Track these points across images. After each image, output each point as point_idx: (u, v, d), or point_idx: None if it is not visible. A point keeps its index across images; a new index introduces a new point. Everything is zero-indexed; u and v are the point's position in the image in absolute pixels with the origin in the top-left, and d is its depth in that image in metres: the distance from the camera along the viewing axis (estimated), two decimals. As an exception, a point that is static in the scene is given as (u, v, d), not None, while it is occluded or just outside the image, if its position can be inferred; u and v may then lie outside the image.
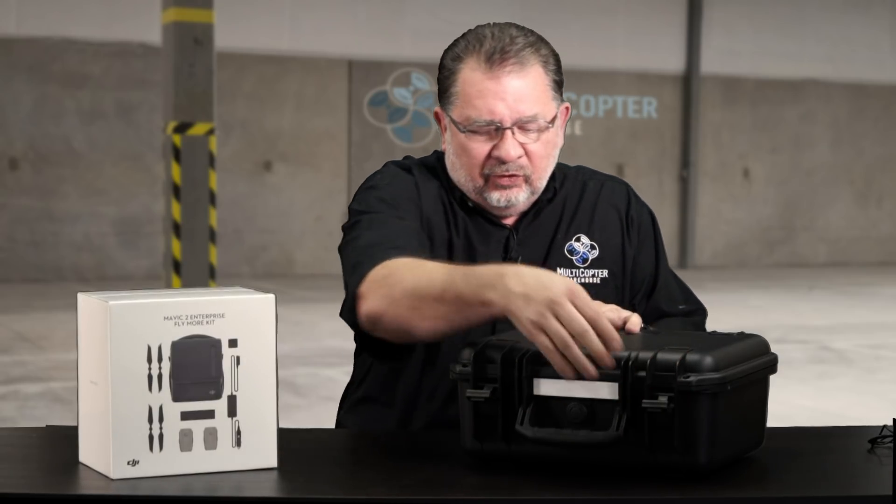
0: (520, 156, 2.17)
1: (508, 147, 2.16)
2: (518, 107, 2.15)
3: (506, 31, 2.18)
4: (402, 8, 15.10)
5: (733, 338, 1.91)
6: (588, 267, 2.27)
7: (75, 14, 14.07)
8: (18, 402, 7.24)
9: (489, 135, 2.17)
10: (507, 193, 2.20)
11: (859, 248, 18.73)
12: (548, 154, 2.21)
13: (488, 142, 2.18)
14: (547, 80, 2.19)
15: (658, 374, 1.72)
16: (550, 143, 2.21)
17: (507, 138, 2.16)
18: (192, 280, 9.93)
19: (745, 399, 1.81)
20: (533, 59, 2.17)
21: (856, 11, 18.05)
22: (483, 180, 2.20)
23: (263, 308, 1.77)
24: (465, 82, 2.18)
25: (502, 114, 2.15)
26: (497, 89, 2.15)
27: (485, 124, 2.16)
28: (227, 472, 1.75)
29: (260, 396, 1.77)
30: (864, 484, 1.79)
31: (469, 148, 2.19)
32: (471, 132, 2.18)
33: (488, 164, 2.18)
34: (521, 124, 2.16)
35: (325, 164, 15.44)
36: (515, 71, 2.15)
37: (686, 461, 1.72)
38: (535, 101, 2.17)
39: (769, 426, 1.91)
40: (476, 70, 2.16)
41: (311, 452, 1.98)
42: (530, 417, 1.77)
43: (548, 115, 2.19)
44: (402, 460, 1.89)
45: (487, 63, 2.15)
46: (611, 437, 1.72)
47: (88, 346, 1.76)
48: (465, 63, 2.18)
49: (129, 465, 1.72)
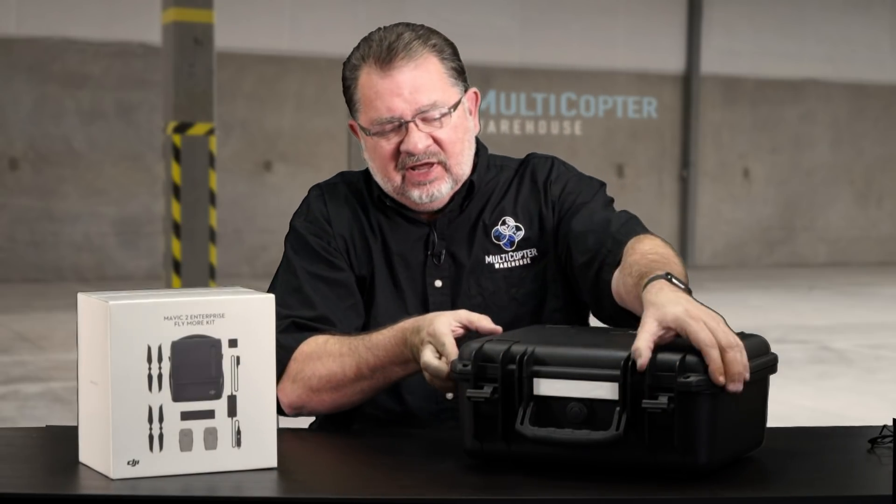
0: (427, 146, 2.20)
1: (415, 139, 2.18)
2: (415, 97, 2.18)
3: (392, 31, 2.22)
4: (402, 8, 15.11)
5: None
6: (516, 249, 2.27)
7: (75, 14, 14.07)
8: (18, 402, 7.24)
9: (395, 132, 2.20)
10: (428, 189, 2.22)
11: (859, 248, 18.73)
12: (459, 139, 2.23)
13: (395, 138, 2.20)
14: (443, 68, 2.21)
15: (658, 374, 1.72)
16: (460, 128, 2.23)
17: (412, 131, 2.19)
18: (192, 280, 9.92)
19: (745, 399, 1.81)
20: (422, 50, 2.20)
21: (856, 11, 18.06)
22: (400, 178, 2.22)
23: (263, 308, 1.77)
24: (363, 87, 2.21)
25: (402, 108, 2.18)
26: (391, 86, 2.18)
27: (387, 122, 2.19)
28: (227, 472, 1.75)
29: (260, 396, 1.77)
30: (864, 484, 1.79)
31: (379, 148, 2.22)
32: (377, 134, 2.21)
33: (400, 160, 2.21)
34: (422, 115, 2.19)
35: (325, 164, 15.43)
36: (405, 64, 2.18)
37: (686, 461, 1.72)
38: (431, 89, 2.19)
39: (769, 426, 1.91)
40: (371, 73, 2.20)
41: (311, 452, 1.98)
42: (530, 417, 1.77)
43: (448, 101, 2.21)
44: (402, 460, 1.89)
45: (378, 64, 2.19)
46: (610, 437, 1.71)
47: (88, 346, 1.76)
48: (360, 70, 2.22)
49: (129, 465, 1.72)
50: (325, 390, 2.10)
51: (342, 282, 2.24)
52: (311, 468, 1.88)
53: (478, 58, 14.44)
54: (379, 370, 2.06)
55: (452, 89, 2.22)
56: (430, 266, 2.26)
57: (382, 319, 2.22)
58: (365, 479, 1.80)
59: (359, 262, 2.27)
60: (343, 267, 2.25)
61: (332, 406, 2.12)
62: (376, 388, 2.10)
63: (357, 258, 2.27)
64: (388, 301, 2.26)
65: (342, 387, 2.09)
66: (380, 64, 2.19)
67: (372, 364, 2.06)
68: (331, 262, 2.25)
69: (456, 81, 2.23)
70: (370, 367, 2.07)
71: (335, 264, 2.25)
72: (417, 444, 2.03)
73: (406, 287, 2.26)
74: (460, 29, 14.68)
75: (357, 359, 2.07)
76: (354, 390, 2.09)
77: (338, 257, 2.26)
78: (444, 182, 2.22)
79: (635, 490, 1.69)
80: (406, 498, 1.68)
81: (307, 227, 2.28)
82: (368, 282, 2.27)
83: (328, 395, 2.10)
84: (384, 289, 2.26)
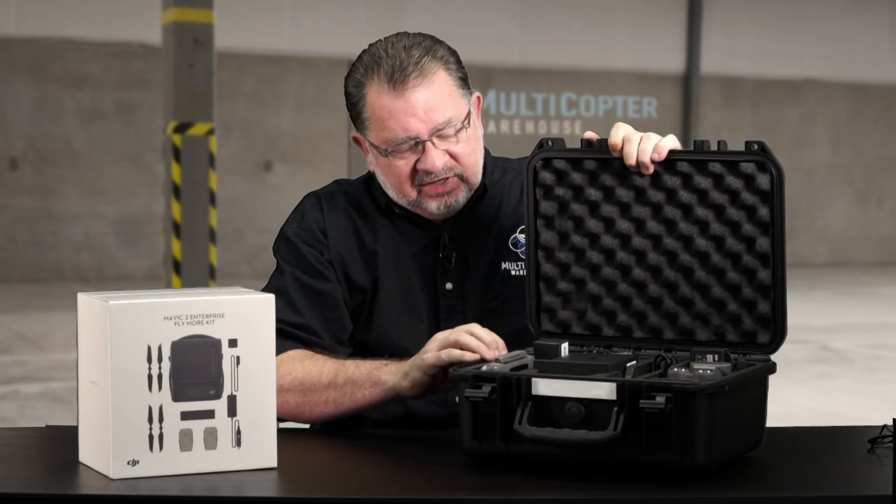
0: (445, 162, 2.19)
1: (433, 158, 2.18)
2: (431, 117, 2.17)
3: (399, 46, 2.19)
4: (402, 8, 15.10)
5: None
6: None
7: (75, 14, 14.07)
8: (18, 402, 7.24)
9: (411, 150, 2.19)
10: (446, 200, 2.22)
11: (859, 248, 18.72)
12: (473, 150, 2.23)
13: (412, 157, 2.19)
14: (452, 81, 2.21)
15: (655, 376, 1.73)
16: (472, 139, 2.23)
17: (430, 150, 2.18)
18: (192, 280, 9.92)
19: (744, 399, 1.81)
20: (433, 66, 2.19)
21: (856, 11, 18.05)
22: (416, 193, 2.21)
23: (263, 308, 1.78)
24: (374, 106, 2.19)
25: (418, 129, 2.17)
26: (406, 107, 2.17)
27: (403, 142, 2.18)
28: (227, 472, 1.75)
29: (260, 396, 1.77)
30: (864, 484, 1.79)
31: (395, 167, 2.21)
32: (393, 153, 2.19)
33: (416, 177, 2.20)
34: (438, 133, 2.18)
35: (325, 164, 15.43)
36: (418, 83, 2.17)
37: (684, 461, 1.72)
38: (444, 105, 2.18)
39: (769, 426, 1.91)
40: (381, 93, 2.18)
41: (311, 452, 1.98)
42: (529, 417, 1.77)
43: (461, 114, 2.21)
44: (402, 460, 1.89)
45: (390, 83, 2.17)
46: (608, 437, 1.72)
47: (88, 346, 1.77)
48: (368, 88, 2.20)
49: (129, 465, 1.72)
50: (292, 391, 2.10)
51: (329, 293, 2.24)
52: (311, 468, 1.88)
53: (478, 58, 14.43)
54: (350, 383, 2.07)
55: (462, 101, 2.22)
56: (440, 268, 2.26)
57: (389, 325, 2.22)
58: (365, 479, 1.80)
59: (358, 273, 2.26)
60: (332, 279, 2.25)
61: (294, 411, 2.11)
62: (339, 403, 2.08)
63: (355, 269, 2.26)
64: (395, 306, 2.25)
65: (311, 391, 2.09)
66: (392, 84, 2.17)
67: (350, 374, 2.08)
68: (320, 273, 2.25)
69: (464, 91, 2.23)
70: (346, 376, 2.08)
71: (324, 275, 2.25)
72: (417, 444, 2.03)
73: (417, 291, 2.25)
74: (460, 29, 14.68)
75: (339, 367, 2.10)
76: (319, 399, 2.09)
77: (328, 268, 2.25)
78: (461, 192, 2.22)
79: (634, 490, 1.69)
80: (406, 498, 1.68)
81: (300, 236, 2.28)
82: (371, 291, 2.26)
83: (293, 397, 2.10)
84: (391, 295, 2.25)
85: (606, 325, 2.02)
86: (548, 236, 2.03)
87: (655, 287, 1.99)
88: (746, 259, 1.92)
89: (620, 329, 2.01)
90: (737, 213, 1.92)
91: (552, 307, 2.05)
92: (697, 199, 1.94)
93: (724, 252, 1.94)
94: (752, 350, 1.92)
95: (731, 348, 1.93)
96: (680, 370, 1.83)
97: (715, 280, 1.95)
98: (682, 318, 1.98)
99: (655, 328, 1.99)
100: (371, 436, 2.14)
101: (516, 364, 1.90)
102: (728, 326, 1.95)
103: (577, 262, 2.03)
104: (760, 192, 1.90)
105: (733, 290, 1.94)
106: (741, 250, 1.92)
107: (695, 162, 1.94)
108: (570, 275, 2.03)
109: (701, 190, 1.94)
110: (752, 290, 1.92)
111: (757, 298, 1.92)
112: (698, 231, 1.95)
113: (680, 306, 1.98)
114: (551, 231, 2.03)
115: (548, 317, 2.05)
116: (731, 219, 1.93)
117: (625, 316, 2.01)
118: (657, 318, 1.99)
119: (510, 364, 1.90)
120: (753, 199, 1.91)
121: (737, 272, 1.93)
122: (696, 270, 1.96)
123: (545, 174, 2.02)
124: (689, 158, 1.94)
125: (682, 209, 1.95)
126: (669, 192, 1.96)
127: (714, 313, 1.95)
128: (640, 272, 1.99)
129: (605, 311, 2.02)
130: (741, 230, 1.92)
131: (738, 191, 1.92)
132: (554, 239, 2.03)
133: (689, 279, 1.96)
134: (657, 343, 1.98)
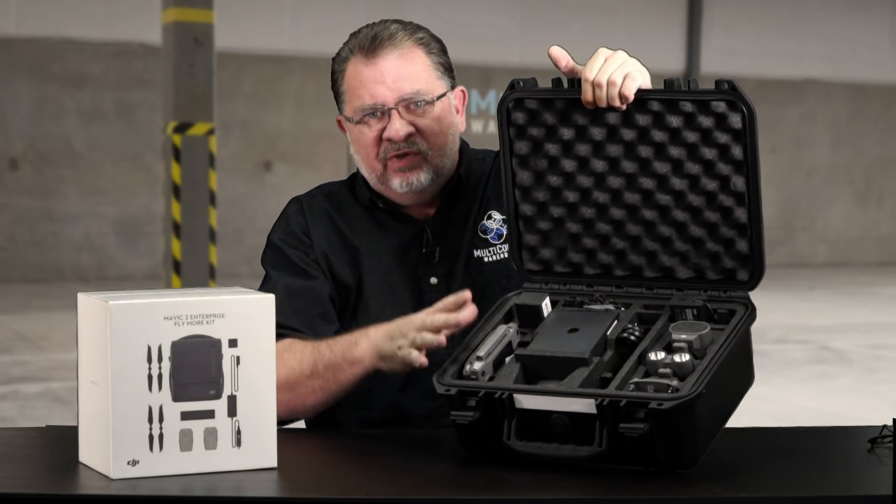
0: (409, 133, 2.21)
1: (396, 126, 2.20)
2: (398, 85, 2.20)
3: (381, 23, 2.25)
4: (402, 8, 15.10)
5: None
6: (504, 242, 2.28)
7: (75, 14, 14.07)
8: (18, 402, 7.24)
9: (378, 120, 2.21)
10: (407, 177, 2.23)
11: (859, 248, 18.73)
12: (442, 131, 2.24)
13: (377, 125, 2.22)
14: (429, 61, 2.23)
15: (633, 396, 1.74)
16: (444, 121, 2.24)
17: (394, 118, 2.20)
18: (192, 280, 9.92)
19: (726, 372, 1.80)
20: (409, 42, 2.22)
21: (856, 11, 18.05)
22: (382, 166, 2.24)
23: (263, 308, 1.78)
24: (349, 77, 2.24)
25: (384, 95, 2.20)
26: (375, 74, 2.20)
27: (370, 108, 2.21)
28: (227, 472, 1.75)
29: (260, 396, 1.77)
30: (864, 484, 1.79)
31: (362, 136, 2.24)
32: (361, 122, 2.22)
33: (382, 147, 2.22)
34: (405, 103, 2.20)
35: (325, 164, 15.43)
36: (389, 52, 2.20)
37: (672, 464, 1.75)
38: (415, 78, 2.21)
39: (769, 426, 1.92)
40: (357, 63, 2.22)
41: (311, 452, 1.98)
42: (516, 431, 1.78)
43: (432, 91, 2.22)
44: (402, 460, 1.89)
45: (363, 53, 2.21)
46: (595, 453, 1.75)
47: (88, 346, 1.77)
48: (348, 63, 2.24)
49: (129, 465, 1.72)
50: (280, 390, 2.05)
51: (315, 288, 2.25)
52: (311, 468, 1.88)
53: (478, 58, 14.43)
54: (330, 368, 2.07)
55: (438, 81, 2.24)
56: (424, 264, 2.27)
57: (375, 321, 2.22)
58: (365, 479, 1.80)
59: (343, 271, 2.28)
60: (318, 275, 2.26)
61: (287, 409, 2.10)
62: (326, 389, 2.09)
63: (340, 268, 2.28)
64: (381, 303, 2.26)
65: (297, 385, 2.09)
66: (364, 53, 2.21)
67: (327, 359, 2.08)
68: (306, 272, 2.26)
69: (442, 76, 2.25)
70: (325, 362, 2.08)
71: (310, 273, 2.26)
72: (417, 444, 2.03)
73: (401, 287, 2.26)
74: (460, 29, 14.68)
75: (316, 354, 2.09)
76: (307, 390, 2.09)
77: (314, 267, 2.27)
78: (424, 172, 2.23)
79: (634, 490, 1.69)
80: (406, 498, 1.68)
81: (285, 240, 2.31)
82: (356, 289, 2.27)
83: (283, 396, 2.06)
84: (376, 292, 2.27)
85: (587, 264, 2.03)
86: (524, 176, 2.04)
87: (633, 226, 1.99)
88: (722, 198, 1.93)
89: (601, 267, 2.02)
90: (709, 151, 1.92)
91: (532, 245, 2.05)
92: (670, 138, 1.94)
93: (699, 190, 1.94)
94: (732, 287, 1.93)
95: (712, 286, 1.93)
96: (658, 357, 1.80)
97: (691, 218, 1.95)
98: (661, 256, 1.98)
99: (636, 266, 2.00)
100: (371, 436, 2.14)
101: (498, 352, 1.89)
102: (707, 264, 1.95)
103: (554, 201, 2.03)
104: (732, 130, 1.89)
105: (710, 228, 1.94)
106: (716, 189, 1.93)
107: (665, 101, 1.93)
108: (548, 213, 2.04)
109: (673, 129, 1.93)
110: (729, 227, 1.93)
111: (734, 236, 1.93)
112: (672, 170, 1.95)
113: (658, 244, 1.98)
114: (527, 171, 2.04)
115: (529, 255, 2.06)
116: (705, 157, 1.93)
117: (604, 254, 2.02)
118: (637, 256, 2.00)
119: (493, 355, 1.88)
120: (725, 137, 1.90)
121: (713, 210, 1.94)
122: (673, 209, 1.96)
123: (518, 114, 2.01)
124: (660, 98, 1.93)
125: (655, 148, 1.95)
126: (641, 131, 1.95)
127: (693, 251, 1.96)
128: (617, 211, 2.00)
129: (585, 249, 2.03)
130: (715, 169, 1.92)
131: (709, 129, 1.91)
132: (530, 178, 2.04)
133: (665, 218, 1.97)
134: (638, 281, 1.99)
